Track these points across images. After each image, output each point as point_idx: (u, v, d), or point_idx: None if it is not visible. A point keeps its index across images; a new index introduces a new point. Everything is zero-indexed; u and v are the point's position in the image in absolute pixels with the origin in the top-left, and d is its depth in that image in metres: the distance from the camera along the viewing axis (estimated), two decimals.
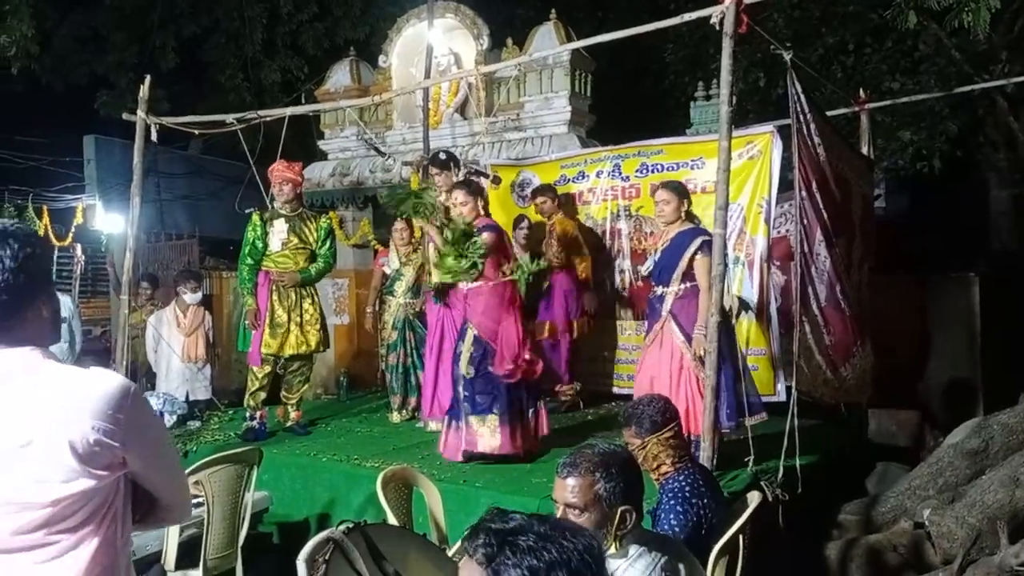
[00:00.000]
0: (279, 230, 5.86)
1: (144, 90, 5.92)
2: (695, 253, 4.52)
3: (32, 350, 1.60)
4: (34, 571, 1.53)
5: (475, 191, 5.12)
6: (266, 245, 5.87)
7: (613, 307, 6.64)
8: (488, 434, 4.85)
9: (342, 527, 2.50)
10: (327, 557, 2.38)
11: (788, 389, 4.97)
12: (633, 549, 2.04)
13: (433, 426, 5.71)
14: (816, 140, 4.69)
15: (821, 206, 4.71)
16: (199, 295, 6.95)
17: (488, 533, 1.25)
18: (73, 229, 10.52)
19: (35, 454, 1.51)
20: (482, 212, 5.08)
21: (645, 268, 5.06)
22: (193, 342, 6.86)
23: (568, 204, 6.64)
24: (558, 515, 2.03)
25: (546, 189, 6.49)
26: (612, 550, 1.98)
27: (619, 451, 2.14)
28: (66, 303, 6.91)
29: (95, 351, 8.71)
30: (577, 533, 1.27)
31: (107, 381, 1.59)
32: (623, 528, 1.97)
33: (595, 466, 2.05)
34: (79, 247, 10.40)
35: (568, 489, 2.04)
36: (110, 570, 1.61)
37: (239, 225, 6.09)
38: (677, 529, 2.87)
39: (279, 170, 5.95)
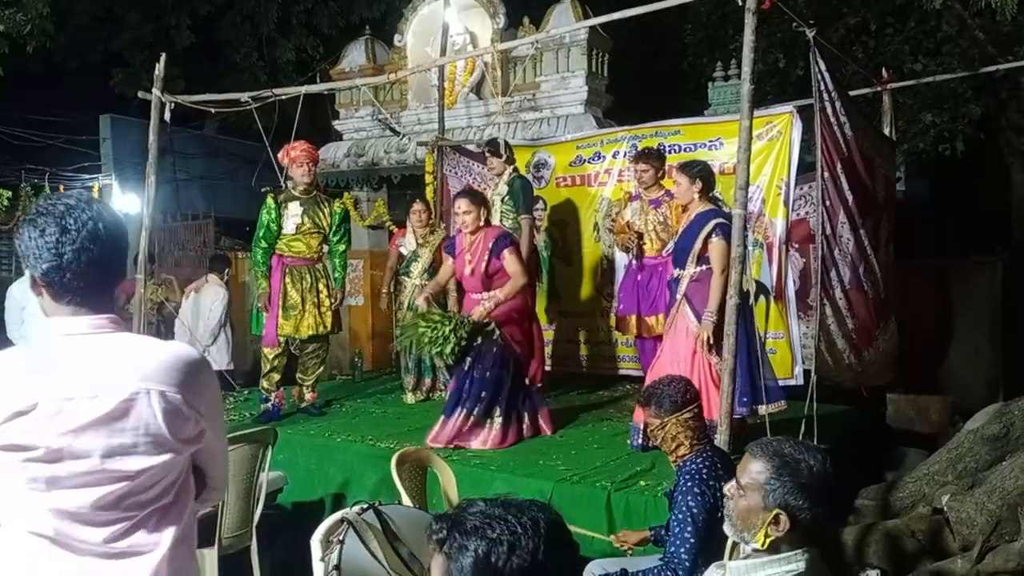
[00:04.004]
0: (293, 213, 5.82)
1: (159, 68, 5.89)
2: (709, 235, 4.47)
3: (113, 319, 1.61)
4: (107, 547, 1.53)
5: (479, 201, 5.11)
6: (280, 228, 5.85)
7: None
8: (486, 431, 4.91)
9: (356, 508, 2.49)
10: (341, 537, 2.37)
11: (806, 373, 4.92)
12: (785, 550, 1.87)
13: None
14: (842, 119, 4.60)
15: (846, 187, 4.63)
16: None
17: (440, 520, 1.30)
18: None
19: (126, 425, 1.51)
20: (483, 223, 5.07)
21: (666, 250, 5.01)
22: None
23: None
24: (731, 489, 1.96)
25: (651, 155, 5.57)
26: (757, 545, 1.86)
27: (808, 460, 1.87)
28: None
29: None
30: (523, 509, 1.28)
31: (189, 353, 1.63)
32: (774, 529, 1.83)
33: (776, 457, 1.88)
34: None
35: (746, 468, 1.93)
36: (180, 545, 1.61)
37: (255, 205, 6.08)
38: (695, 510, 2.84)
39: (305, 149, 5.87)
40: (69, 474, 1.49)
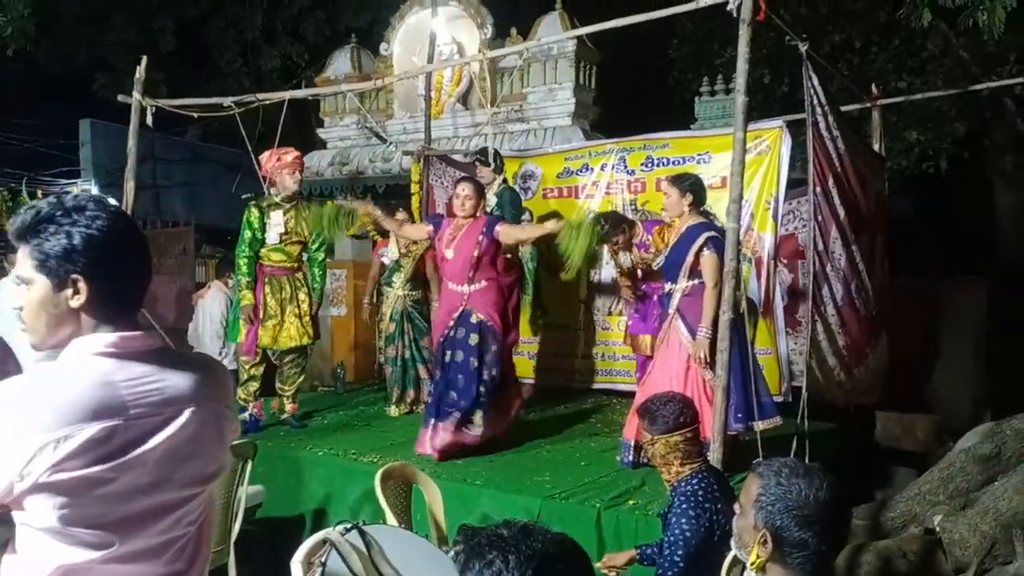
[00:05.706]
0: (276, 223, 5.71)
1: (140, 71, 5.79)
2: (701, 249, 4.41)
3: (154, 334, 1.47)
4: (160, 570, 1.42)
5: (480, 191, 5.16)
6: (264, 237, 5.74)
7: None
8: (476, 425, 4.92)
9: (340, 527, 2.39)
10: (324, 559, 2.27)
11: (794, 389, 4.86)
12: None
13: None
14: (835, 133, 4.57)
15: (838, 202, 4.59)
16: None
17: (461, 532, 1.29)
18: None
19: (195, 445, 1.43)
20: (479, 213, 5.05)
21: (656, 263, 4.94)
22: None
23: None
24: (736, 507, 1.93)
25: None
26: (749, 564, 1.84)
27: (800, 483, 1.80)
28: None
29: None
30: (531, 536, 1.25)
31: (220, 362, 1.63)
32: (763, 550, 1.77)
33: (771, 477, 1.82)
34: None
35: (747, 486, 1.88)
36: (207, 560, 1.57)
37: (236, 213, 5.97)
38: (688, 533, 2.76)
39: (297, 155, 5.83)
40: (145, 502, 1.38)
